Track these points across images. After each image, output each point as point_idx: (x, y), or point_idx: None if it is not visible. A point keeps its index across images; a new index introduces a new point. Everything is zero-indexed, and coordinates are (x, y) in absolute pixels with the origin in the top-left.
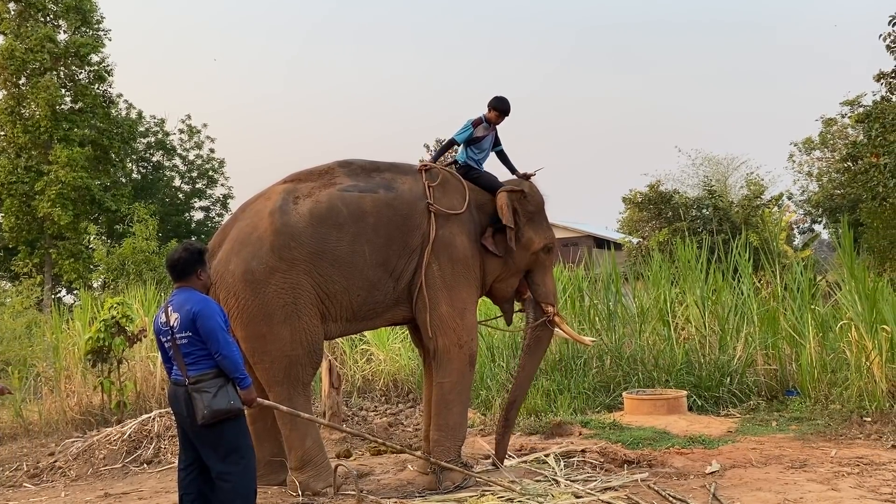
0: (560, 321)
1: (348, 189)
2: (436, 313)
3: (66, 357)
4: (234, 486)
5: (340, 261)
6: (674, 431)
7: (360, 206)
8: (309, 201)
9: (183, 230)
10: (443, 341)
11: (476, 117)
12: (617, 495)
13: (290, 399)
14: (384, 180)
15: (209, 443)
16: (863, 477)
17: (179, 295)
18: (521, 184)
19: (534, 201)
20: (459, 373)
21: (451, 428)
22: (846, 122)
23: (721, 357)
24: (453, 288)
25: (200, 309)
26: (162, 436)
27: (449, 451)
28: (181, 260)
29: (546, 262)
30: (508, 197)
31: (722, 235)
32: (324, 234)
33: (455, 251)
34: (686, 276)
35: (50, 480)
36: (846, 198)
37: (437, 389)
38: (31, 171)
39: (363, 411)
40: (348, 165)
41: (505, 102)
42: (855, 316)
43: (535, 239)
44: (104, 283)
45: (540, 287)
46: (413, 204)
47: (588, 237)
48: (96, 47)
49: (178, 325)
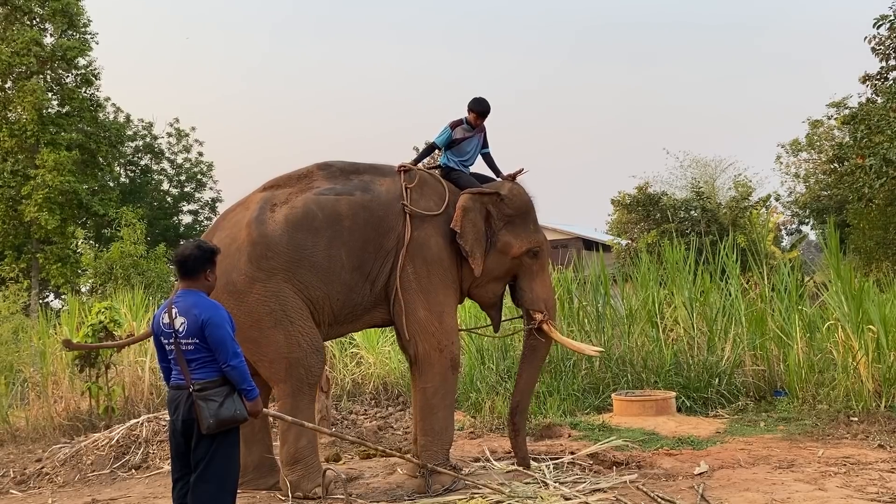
0: (550, 329)
1: (324, 192)
2: (414, 318)
3: (53, 362)
4: (210, 498)
5: (318, 266)
6: (662, 433)
7: (336, 210)
8: (285, 208)
9: (171, 234)
10: (423, 346)
11: (455, 119)
12: (605, 497)
13: (293, 397)
14: (362, 182)
15: (202, 449)
16: (850, 476)
17: (186, 297)
18: (500, 186)
19: (513, 204)
20: (441, 377)
21: (438, 432)
22: (832, 123)
23: (709, 358)
24: (429, 291)
25: (210, 317)
26: (150, 441)
27: (437, 454)
28: (191, 257)
29: (533, 266)
30: (474, 200)
31: (710, 237)
32: (300, 240)
33: (429, 252)
34: (674, 278)
35: (37, 487)
36: (833, 199)
37: (420, 395)
38: (17, 175)
39: (353, 415)
40: (328, 168)
41: (482, 103)
42: (841, 316)
43: (513, 243)
44: (92, 287)
45: (526, 293)
46: (389, 205)
47: (577, 239)
48: (83, 51)
49: (185, 331)
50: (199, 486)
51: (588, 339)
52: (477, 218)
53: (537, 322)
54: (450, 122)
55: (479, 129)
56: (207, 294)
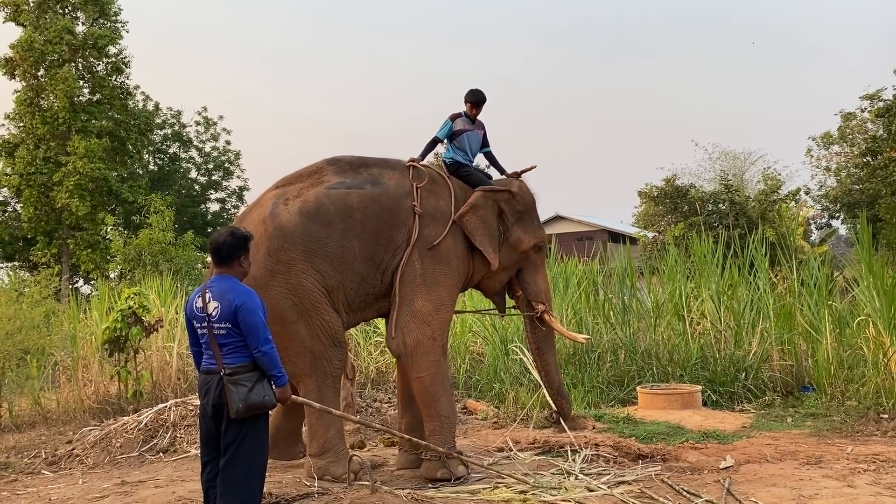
0: (551, 319)
1: (335, 186)
2: (411, 308)
3: (83, 346)
4: (238, 482)
5: (332, 256)
6: (688, 426)
7: (347, 203)
8: (298, 202)
9: (199, 222)
10: (416, 335)
11: (454, 113)
12: (630, 489)
13: (319, 390)
14: (371, 176)
15: (231, 434)
16: (879, 474)
17: (220, 282)
18: (509, 183)
19: (523, 201)
20: (437, 364)
21: (444, 417)
22: (865, 116)
23: (736, 352)
24: (433, 286)
25: (244, 302)
26: (178, 425)
27: (447, 439)
28: (226, 244)
29: (537, 260)
30: (486, 197)
31: (738, 230)
32: (314, 231)
33: (438, 251)
34: (702, 271)
35: (68, 468)
36: (865, 193)
37: (418, 385)
38: (49, 161)
39: (377, 402)
40: (336, 163)
41: (477, 94)
42: (873, 312)
43: (523, 238)
44: (121, 273)
45: (531, 285)
46: (399, 200)
47: (603, 231)
48: (114, 39)
49: (218, 315)
50: (228, 470)
51: (613, 331)
52: (488, 214)
53: (539, 312)
54: (449, 115)
55: (479, 126)
56: (241, 280)
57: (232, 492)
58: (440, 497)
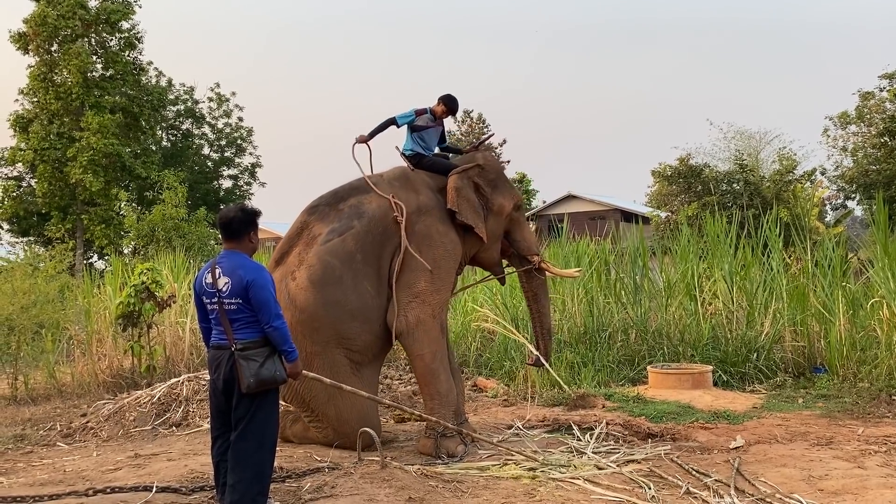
0: (547, 265)
1: (328, 238)
2: (413, 290)
3: (97, 321)
4: (249, 457)
5: (355, 311)
6: (698, 406)
7: (346, 250)
8: (304, 270)
9: (212, 198)
10: (418, 313)
11: (420, 107)
12: (639, 468)
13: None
14: (353, 209)
15: (242, 408)
16: (890, 455)
17: (230, 258)
18: (475, 157)
19: (493, 169)
20: (437, 341)
21: (443, 394)
22: (884, 95)
23: (748, 333)
24: (432, 269)
25: (254, 278)
26: (190, 399)
27: (446, 416)
28: (235, 219)
29: (520, 218)
30: (461, 177)
31: (752, 210)
32: (331, 296)
33: (433, 241)
34: (715, 251)
35: (82, 440)
36: (882, 174)
37: (419, 362)
38: (63, 137)
39: (387, 379)
40: (315, 210)
41: (454, 102)
42: (887, 293)
43: (504, 204)
44: (134, 248)
45: (521, 242)
46: (385, 220)
47: (616, 210)
48: (126, 14)
49: (228, 291)
50: (239, 444)
51: (624, 310)
52: (469, 193)
53: (536, 262)
54: (416, 108)
55: (440, 124)
56: (250, 256)
57: (243, 466)
58: (450, 472)
